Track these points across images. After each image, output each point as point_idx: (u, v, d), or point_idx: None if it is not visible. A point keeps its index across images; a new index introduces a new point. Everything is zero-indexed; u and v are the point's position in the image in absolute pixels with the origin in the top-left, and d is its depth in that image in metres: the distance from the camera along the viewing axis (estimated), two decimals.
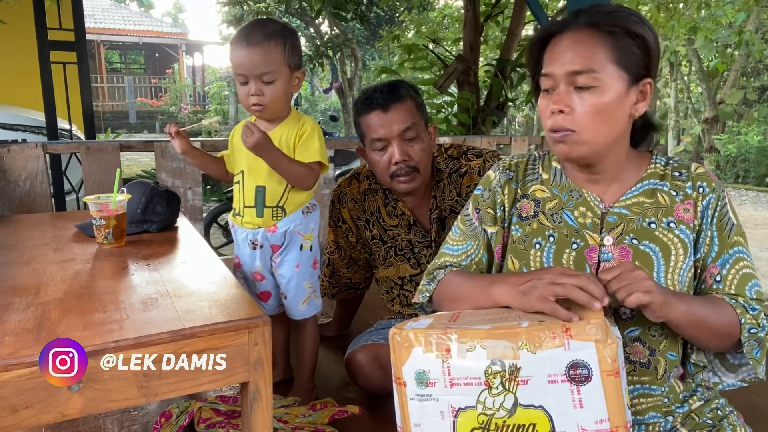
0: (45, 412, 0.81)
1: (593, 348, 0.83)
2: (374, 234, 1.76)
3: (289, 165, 1.44)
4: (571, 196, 1.10)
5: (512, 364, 0.86)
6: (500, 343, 0.86)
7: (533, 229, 1.11)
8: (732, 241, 1.04)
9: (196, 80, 21.49)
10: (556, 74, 0.99)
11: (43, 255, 1.31)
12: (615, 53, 0.96)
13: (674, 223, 1.04)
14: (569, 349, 0.84)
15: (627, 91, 0.98)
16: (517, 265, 1.12)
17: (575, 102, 0.98)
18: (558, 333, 0.84)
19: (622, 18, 0.98)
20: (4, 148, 2.26)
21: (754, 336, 0.98)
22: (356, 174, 1.82)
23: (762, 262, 5.39)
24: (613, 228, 1.05)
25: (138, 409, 1.56)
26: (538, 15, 3.26)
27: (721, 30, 8.63)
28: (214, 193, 5.41)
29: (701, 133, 12.31)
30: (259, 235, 1.54)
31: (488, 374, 0.87)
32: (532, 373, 0.85)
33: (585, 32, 0.98)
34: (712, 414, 1.09)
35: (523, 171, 1.17)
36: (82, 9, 3.49)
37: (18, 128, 4.53)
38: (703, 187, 1.05)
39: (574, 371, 0.83)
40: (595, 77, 0.96)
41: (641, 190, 1.07)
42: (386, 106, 1.57)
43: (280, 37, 1.42)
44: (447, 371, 0.89)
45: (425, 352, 0.90)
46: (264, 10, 10.13)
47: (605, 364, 0.83)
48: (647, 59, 0.99)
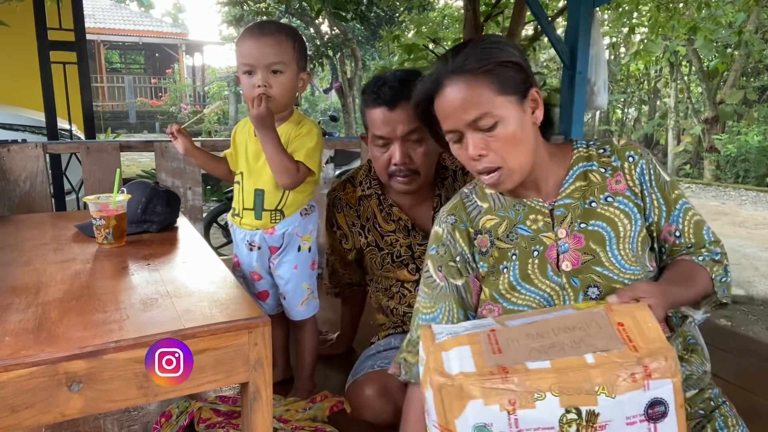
0: (45, 412, 0.81)
1: (671, 384, 0.81)
2: (369, 241, 1.70)
3: (280, 152, 1.41)
4: (518, 210, 1.14)
5: (589, 410, 0.80)
6: (574, 389, 0.80)
7: (495, 257, 1.14)
8: (674, 196, 1.12)
9: (196, 80, 21.48)
10: (458, 128, 1.05)
11: (43, 255, 1.31)
12: (496, 87, 1.02)
13: (611, 197, 1.10)
14: (649, 389, 0.80)
15: (521, 109, 1.04)
16: (488, 293, 1.14)
17: (488, 143, 1.03)
18: (638, 374, 0.80)
19: (487, 54, 1.03)
20: (4, 148, 2.26)
21: (724, 284, 1.10)
22: (351, 178, 1.75)
23: (762, 262, 5.39)
24: (563, 219, 1.11)
25: (138, 409, 1.56)
26: (538, 15, 3.26)
27: (721, 30, 8.62)
28: (214, 193, 5.41)
29: (701, 133, 12.30)
30: (257, 237, 1.54)
31: (563, 423, 0.80)
32: (610, 417, 0.81)
33: (463, 82, 1.02)
34: (705, 404, 1.10)
35: (463, 211, 1.19)
36: (82, 9, 3.48)
37: (18, 128, 4.53)
38: (632, 156, 1.12)
39: (652, 410, 0.81)
40: (492, 115, 1.01)
41: (574, 176, 1.13)
42: (393, 105, 1.47)
43: (291, 34, 1.44)
44: (514, 423, 0.81)
45: (486, 404, 0.81)
46: (264, 10, 10.12)
47: (679, 397, 0.81)
48: (524, 74, 1.05)
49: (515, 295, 1.11)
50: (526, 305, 1.10)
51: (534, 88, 1.06)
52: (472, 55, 1.03)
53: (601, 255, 1.07)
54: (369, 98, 1.53)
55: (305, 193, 1.55)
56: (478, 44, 1.05)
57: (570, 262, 1.08)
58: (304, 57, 1.48)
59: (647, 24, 7.90)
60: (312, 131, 1.48)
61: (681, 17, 7.47)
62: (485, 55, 1.03)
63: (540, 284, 1.09)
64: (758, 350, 2.13)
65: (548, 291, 1.09)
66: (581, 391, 0.79)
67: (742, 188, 10.40)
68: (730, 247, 5.81)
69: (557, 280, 1.08)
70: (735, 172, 11.17)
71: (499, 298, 1.12)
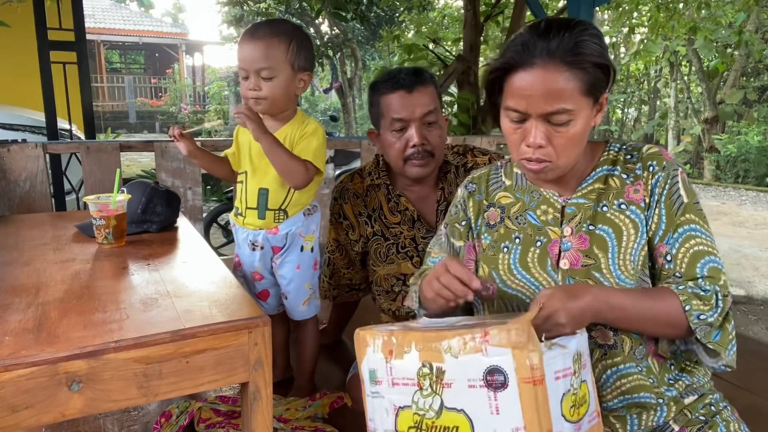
0: (45, 412, 0.81)
1: (509, 354, 0.82)
2: (375, 230, 1.74)
3: (284, 154, 1.42)
4: (533, 197, 1.15)
5: (438, 367, 0.87)
6: (429, 346, 0.88)
7: (500, 234, 1.15)
8: (682, 219, 1.04)
9: (196, 80, 21.49)
10: (528, 112, 0.99)
11: (43, 255, 1.31)
12: (584, 87, 0.97)
13: (625, 204, 1.07)
14: (487, 355, 0.83)
15: (592, 112, 1.02)
16: (487, 270, 1.15)
17: (552, 137, 1.00)
18: (477, 338, 0.84)
19: (587, 49, 0.96)
20: (4, 148, 2.26)
21: (704, 321, 0.97)
22: (360, 170, 1.81)
23: (762, 262, 5.39)
24: (572, 218, 1.09)
25: (138, 409, 1.56)
26: (538, 15, 3.27)
27: (721, 30, 8.63)
28: (214, 193, 5.41)
29: (701, 133, 12.30)
30: (260, 237, 1.54)
31: (420, 376, 0.89)
32: (454, 377, 0.86)
33: (555, 71, 0.96)
34: (706, 410, 1.09)
35: (486, 182, 1.23)
36: (82, 9, 3.48)
37: (18, 128, 4.53)
38: (653, 165, 1.07)
39: (491, 377, 0.83)
40: (569, 113, 0.98)
41: (595, 177, 1.11)
42: (411, 88, 1.56)
43: (286, 36, 1.42)
44: (389, 371, 0.93)
45: (374, 352, 0.96)
46: (264, 11, 10.12)
47: (523, 371, 0.81)
48: (608, 78, 1.01)
49: (512, 279, 1.12)
50: (519, 292, 1.11)
51: (606, 93, 1.03)
52: (572, 44, 0.96)
53: (602, 262, 1.05)
54: (386, 86, 1.60)
55: (309, 192, 1.55)
56: (582, 33, 0.97)
57: (569, 261, 1.07)
58: (305, 57, 1.46)
59: (647, 24, 7.91)
60: (317, 130, 1.50)
61: (681, 17, 7.47)
62: (585, 50, 0.96)
63: (537, 275, 1.10)
64: (758, 350, 2.13)
65: (544, 284, 1.09)
66: (432, 349, 0.88)
67: (742, 188, 10.40)
68: (730, 247, 5.82)
69: (554, 275, 1.08)
70: (735, 172, 11.17)
71: (497, 277, 1.13)
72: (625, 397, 1.05)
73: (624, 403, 1.06)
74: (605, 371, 1.06)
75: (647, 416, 1.07)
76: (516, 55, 0.99)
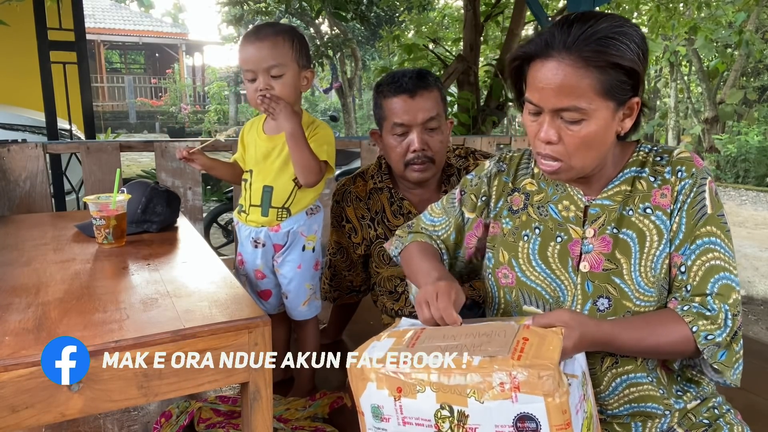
0: (45, 412, 0.81)
1: (542, 402, 0.78)
2: (378, 233, 1.74)
3: (306, 147, 1.44)
4: (557, 189, 1.12)
5: (460, 410, 0.83)
6: (449, 387, 0.83)
7: (522, 221, 1.13)
8: (702, 231, 0.99)
9: (196, 80, 21.49)
10: (542, 105, 0.97)
11: (43, 255, 1.31)
12: (602, 86, 0.93)
13: (650, 209, 1.03)
14: (517, 402, 0.79)
15: (613, 115, 0.97)
16: (506, 257, 1.13)
17: (563, 134, 0.97)
18: (506, 383, 0.80)
19: (608, 47, 0.92)
20: (4, 148, 2.26)
21: (712, 342, 0.95)
22: (362, 173, 1.81)
23: (762, 262, 5.39)
24: (595, 220, 1.06)
25: (138, 409, 1.56)
26: (538, 15, 3.26)
27: (721, 30, 8.63)
28: (214, 193, 5.41)
29: (701, 133, 12.30)
30: (262, 234, 1.54)
31: (438, 418, 0.85)
32: (479, 422, 0.82)
33: (569, 65, 0.92)
34: (709, 413, 1.08)
35: (516, 165, 1.20)
36: (82, 9, 3.48)
37: (18, 128, 4.52)
38: (681, 171, 1.02)
39: (522, 424, 0.80)
40: (581, 111, 0.94)
41: (622, 179, 1.06)
42: (414, 93, 1.55)
43: (288, 35, 1.45)
44: (399, 410, 0.88)
45: (378, 388, 0.89)
46: (264, 10, 10.12)
47: (555, 419, 0.78)
48: (635, 81, 0.96)
49: (531, 270, 1.09)
50: (539, 285, 1.08)
51: (636, 98, 0.98)
52: (592, 39, 0.92)
53: (624, 267, 1.02)
54: (389, 89, 1.59)
55: (313, 192, 1.56)
56: (612, 30, 0.93)
57: (590, 263, 1.04)
58: (306, 55, 1.48)
59: (647, 24, 7.90)
60: (327, 130, 1.52)
61: (681, 17, 7.47)
62: (605, 48, 0.91)
63: (557, 271, 1.07)
64: (759, 350, 2.13)
65: (564, 282, 1.06)
66: (454, 391, 0.83)
67: (742, 188, 10.40)
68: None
69: (573, 277, 1.05)
70: (735, 172, 11.16)
71: (516, 266, 1.11)
72: (632, 406, 1.04)
73: (629, 411, 1.05)
74: (615, 379, 1.04)
75: (652, 424, 1.06)
76: (536, 45, 0.97)
